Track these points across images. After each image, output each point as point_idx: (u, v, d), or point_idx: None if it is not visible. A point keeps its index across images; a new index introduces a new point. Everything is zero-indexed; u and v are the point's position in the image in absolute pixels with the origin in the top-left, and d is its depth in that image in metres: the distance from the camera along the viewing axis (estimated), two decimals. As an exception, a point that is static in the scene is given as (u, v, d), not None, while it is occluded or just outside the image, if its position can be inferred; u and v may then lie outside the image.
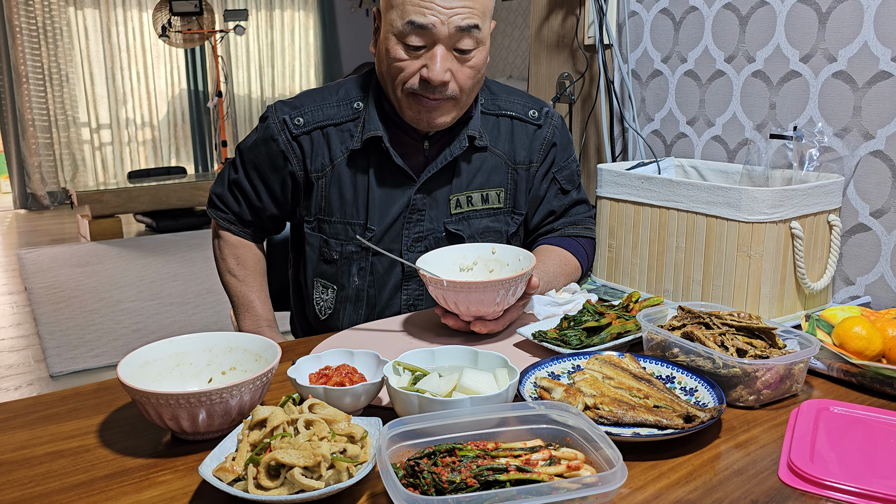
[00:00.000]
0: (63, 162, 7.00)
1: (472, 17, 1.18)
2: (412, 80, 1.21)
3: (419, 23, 1.16)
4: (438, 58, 1.18)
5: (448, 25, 1.16)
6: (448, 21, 1.16)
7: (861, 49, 1.32)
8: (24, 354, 3.36)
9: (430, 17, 1.15)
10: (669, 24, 1.67)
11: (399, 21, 1.18)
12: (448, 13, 1.16)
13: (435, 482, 0.71)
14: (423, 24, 1.16)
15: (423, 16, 1.15)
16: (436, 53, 1.18)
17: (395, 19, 1.18)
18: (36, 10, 6.64)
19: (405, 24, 1.17)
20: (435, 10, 1.15)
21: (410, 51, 1.20)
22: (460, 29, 1.17)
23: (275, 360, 0.90)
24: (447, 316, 1.16)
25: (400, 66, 1.21)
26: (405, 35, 1.18)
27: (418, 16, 1.16)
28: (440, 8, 1.15)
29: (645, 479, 0.80)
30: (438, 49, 1.18)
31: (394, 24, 1.19)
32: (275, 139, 1.33)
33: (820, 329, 1.12)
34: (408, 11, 1.16)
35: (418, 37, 1.18)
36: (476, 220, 1.36)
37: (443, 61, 1.18)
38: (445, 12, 1.16)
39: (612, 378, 0.97)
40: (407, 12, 1.16)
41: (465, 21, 1.17)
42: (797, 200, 1.21)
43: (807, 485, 0.78)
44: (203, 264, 4.81)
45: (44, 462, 0.84)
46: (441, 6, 1.15)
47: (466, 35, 1.18)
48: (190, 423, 0.83)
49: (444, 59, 1.19)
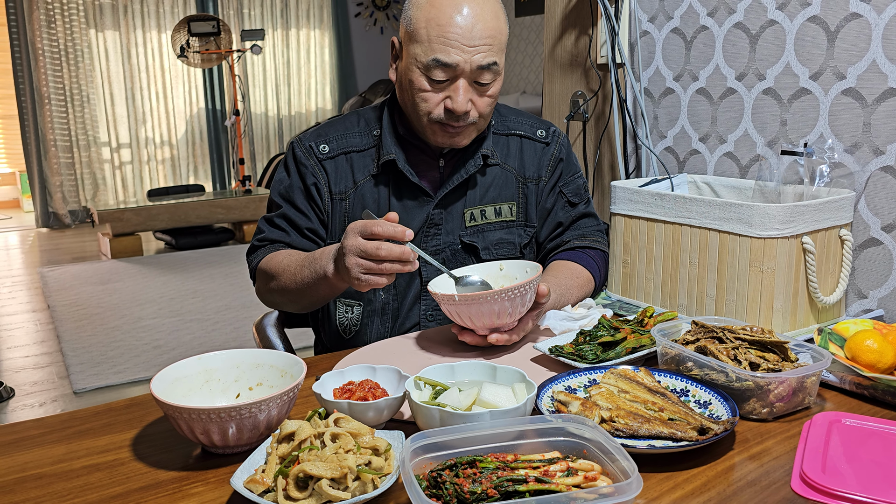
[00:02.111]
0: (84, 181, 7.12)
1: (492, 55, 1.26)
2: (437, 109, 1.29)
3: (444, 61, 1.24)
4: (461, 91, 1.26)
5: (471, 63, 1.25)
6: (471, 60, 1.24)
7: (870, 66, 1.35)
8: (47, 371, 3.43)
9: (455, 56, 1.23)
10: (681, 43, 1.70)
11: (424, 57, 1.25)
12: (471, 52, 1.24)
13: (457, 493, 0.73)
14: (448, 63, 1.24)
15: (449, 55, 1.23)
16: (459, 87, 1.26)
17: (420, 54, 1.25)
18: (58, 33, 6.79)
19: (431, 60, 1.24)
20: (460, 48, 1.23)
21: (434, 83, 1.27)
22: (481, 67, 1.25)
23: (300, 375, 0.93)
24: (464, 333, 1.20)
25: (424, 96, 1.28)
26: (430, 69, 1.25)
27: (444, 55, 1.23)
28: (465, 47, 1.23)
29: (660, 490, 0.82)
30: (461, 83, 1.26)
31: (418, 59, 1.26)
32: (304, 164, 1.39)
33: (832, 342, 1.14)
34: (434, 49, 1.23)
35: (442, 72, 1.25)
36: (490, 232, 1.42)
37: (465, 93, 1.26)
38: (469, 51, 1.24)
39: (627, 392, 0.99)
40: (433, 50, 1.24)
41: (486, 60, 1.25)
42: (808, 216, 1.23)
43: (819, 495, 0.80)
44: (222, 281, 4.88)
45: (81, 475, 0.87)
46: (465, 45, 1.23)
47: (487, 70, 1.27)
48: (220, 436, 0.87)
49: (467, 91, 1.27)
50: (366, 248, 1.09)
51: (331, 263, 1.19)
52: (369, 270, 1.10)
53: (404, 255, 1.09)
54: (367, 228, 1.10)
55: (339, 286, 1.22)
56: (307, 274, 1.25)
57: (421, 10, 1.25)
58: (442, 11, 1.23)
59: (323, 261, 1.21)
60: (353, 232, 1.11)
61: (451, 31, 1.22)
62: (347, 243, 1.12)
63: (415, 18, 1.26)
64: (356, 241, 1.10)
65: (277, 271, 1.32)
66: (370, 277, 1.11)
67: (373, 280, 1.11)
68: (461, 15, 1.23)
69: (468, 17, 1.23)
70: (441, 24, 1.23)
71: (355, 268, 1.11)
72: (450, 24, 1.22)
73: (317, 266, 1.23)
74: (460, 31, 1.23)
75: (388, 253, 1.08)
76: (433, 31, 1.23)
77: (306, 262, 1.26)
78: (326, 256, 1.21)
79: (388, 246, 1.09)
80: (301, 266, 1.27)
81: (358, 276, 1.11)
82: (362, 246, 1.09)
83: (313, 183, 1.38)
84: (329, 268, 1.19)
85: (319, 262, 1.22)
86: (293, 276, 1.29)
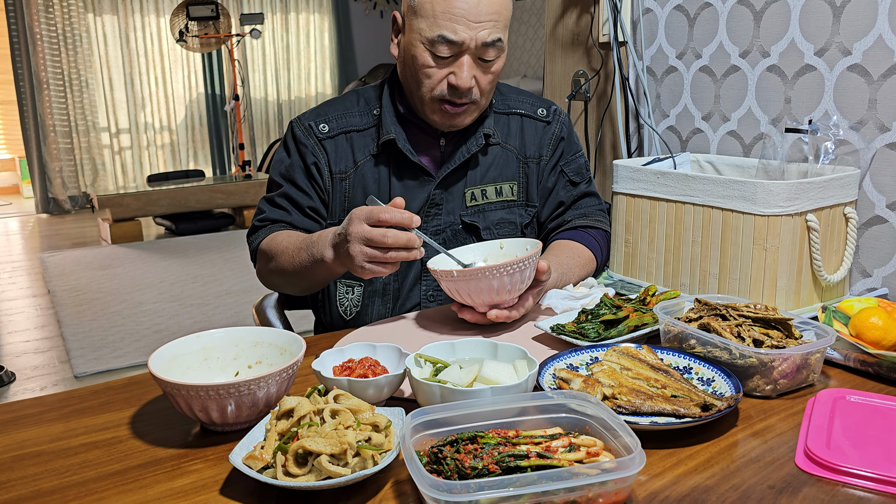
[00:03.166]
0: (83, 166, 7.10)
1: (497, 31, 1.25)
2: (440, 86, 1.27)
3: (450, 38, 1.22)
4: (465, 67, 1.25)
5: (476, 40, 1.23)
6: (476, 36, 1.23)
7: (876, 42, 1.33)
8: (48, 356, 3.42)
9: (462, 33, 1.22)
10: (684, 20, 1.68)
11: (429, 32, 1.23)
12: (477, 28, 1.22)
13: (458, 468, 0.73)
14: (454, 40, 1.22)
15: (455, 32, 1.22)
16: (463, 63, 1.25)
17: (425, 29, 1.24)
18: (56, 18, 6.74)
19: (436, 36, 1.23)
20: (466, 25, 1.22)
21: (438, 59, 1.25)
22: (486, 44, 1.24)
23: (300, 353, 0.92)
24: (463, 310, 1.19)
25: (428, 72, 1.27)
26: (434, 45, 1.24)
27: (450, 31, 1.22)
28: (470, 23, 1.22)
29: (663, 467, 0.81)
30: (465, 59, 1.25)
31: (423, 34, 1.24)
32: (304, 143, 1.38)
33: (836, 320, 1.13)
34: (439, 25, 1.22)
35: (447, 48, 1.24)
36: (491, 212, 1.40)
37: (469, 70, 1.25)
38: (475, 27, 1.22)
39: (629, 369, 0.98)
40: (439, 26, 1.22)
41: (491, 36, 1.24)
42: (813, 193, 1.22)
43: (823, 471, 0.79)
44: (222, 265, 4.87)
45: (79, 452, 0.87)
46: (471, 21, 1.22)
47: (491, 47, 1.25)
48: (219, 414, 0.86)
49: (471, 67, 1.26)
50: (372, 235, 1.07)
51: (329, 249, 1.17)
52: (374, 259, 1.09)
53: (410, 242, 1.07)
54: (374, 215, 1.08)
55: (338, 271, 1.21)
56: (304, 258, 1.24)
57: None
58: None
59: (320, 245, 1.19)
60: (358, 219, 1.09)
61: (457, 7, 1.21)
62: (352, 230, 1.09)
63: None
64: (361, 229, 1.08)
65: (276, 253, 1.31)
66: (374, 266, 1.09)
67: (376, 269, 1.09)
68: None
69: None
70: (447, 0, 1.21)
71: (359, 256, 1.09)
72: (456, 0, 1.21)
73: (314, 250, 1.21)
74: (466, 7, 1.21)
75: (395, 241, 1.07)
76: (439, 7, 1.21)
77: (304, 246, 1.24)
78: (324, 241, 1.19)
79: (394, 233, 1.07)
80: (298, 249, 1.25)
81: (362, 264, 1.09)
82: (368, 234, 1.07)
83: (313, 162, 1.37)
84: (327, 253, 1.18)
85: (317, 247, 1.20)
86: (291, 259, 1.27)
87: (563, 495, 0.70)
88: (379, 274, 1.10)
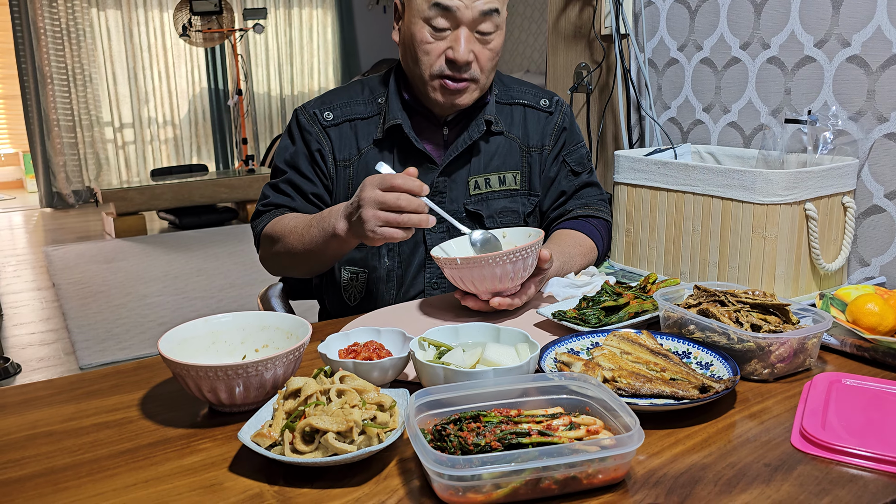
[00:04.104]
0: (87, 161, 7.12)
1: (493, 2, 1.26)
2: (438, 62, 1.28)
3: (445, 4, 1.24)
4: (463, 39, 1.26)
5: (472, 9, 1.24)
6: (472, 5, 1.24)
7: (875, 33, 1.34)
8: (53, 348, 3.45)
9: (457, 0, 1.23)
10: (685, 12, 1.70)
11: (425, 4, 1.25)
12: None
13: (461, 445, 0.75)
14: (448, 5, 1.24)
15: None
16: (459, 35, 1.26)
17: (422, 3, 1.26)
18: (59, 12, 6.76)
19: (431, 6, 1.25)
20: None
21: (436, 33, 1.27)
22: (483, 13, 1.25)
23: (306, 336, 0.94)
24: (466, 298, 1.21)
25: (426, 48, 1.28)
26: (431, 18, 1.26)
27: None
28: None
29: (662, 446, 0.83)
30: (462, 31, 1.26)
31: (419, 9, 1.26)
32: (308, 131, 1.40)
33: (834, 307, 1.14)
34: None
35: (444, 19, 1.25)
36: (494, 200, 1.42)
37: (467, 42, 1.26)
38: None
39: (629, 353, 1.00)
40: None
41: (487, 5, 1.25)
42: (811, 182, 1.23)
43: (818, 449, 0.81)
44: (226, 259, 4.89)
45: (91, 432, 0.89)
46: None
47: (488, 18, 1.26)
48: (227, 395, 0.88)
49: (468, 40, 1.27)
50: (385, 198, 1.08)
51: (341, 220, 1.18)
52: (387, 222, 1.09)
53: (421, 207, 1.09)
54: (387, 181, 1.09)
55: (350, 242, 1.21)
56: (315, 233, 1.24)
57: None
58: None
59: (332, 218, 1.20)
60: (371, 185, 1.10)
61: None
62: (365, 195, 1.10)
63: None
64: (374, 193, 1.09)
65: (283, 233, 1.32)
66: (387, 230, 1.09)
67: (389, 233, 1.09)
68: None
69: None
70: None
71: (372, 220, 1.09)
72: None
73: (325, 224, 1.22)
74: None
75: (409, 204, 1.08)
76: None
77: (314, 222, 1.25)
78: (336, 213, 1.20)
79: (407, 197, 1.08)
80: (308, 226, 1.27)
81: (374, 228, 1.09)
82: (380, 197, 1.09)
83: (317, 149, 1.39)
84: (340, 224, 1.18)
85: (328, 220, 1.21)
86: (300, 237, 1.28)
87: (564, 471, 0.72)
88: (392, 238, 1.10)
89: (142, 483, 0.77)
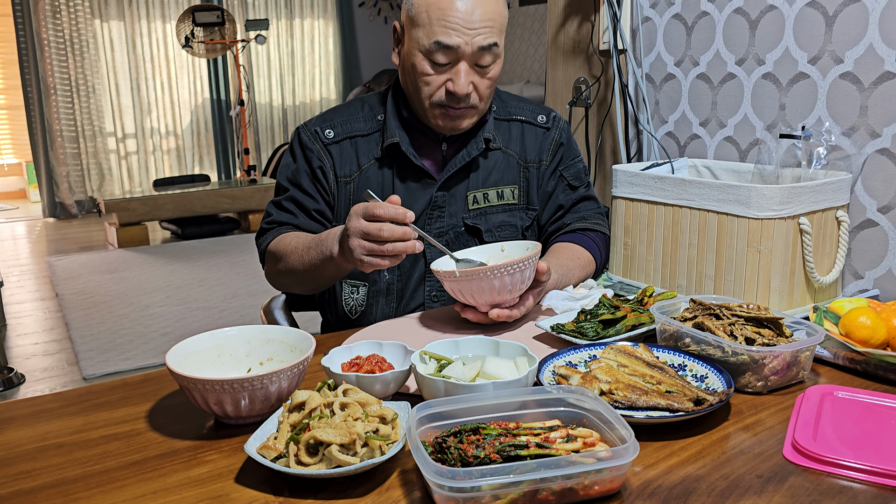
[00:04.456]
0: (90, 171, 7.16)
1: (492, 36, 1.28)
2: (438, 92, 1.31)
3: (446, 44, 1.26)
4: (462, 73, 1.28)
5: (471, 45, 1.27)
6: (471, 42, 1.26)
7: (867, 51, 1.37)
8: (57, 358, 3.47)
9: (456, 38, 1.26)
10: (682, 28, 1.73)
11: (426, 40, 1.27)
12: (472, 34, 1.26)
13: (461, 457, 0.77)
14: (449, 45, 1.26)
15: (450, 38, 1.26)
16: (460, 69, 1.29)
17: (422, 37, 1.28)
18: (63, 24, 6.81)
19: (432, 43, 1.27)
20: (460, 31, 1.25)
21: (436, 66, 1.29)
22: (482, 48, 1.28)
23: (310, 349, 0.96)
24: (466, 310, 1.23)
25: (427, 80, 1.31)
26: (431, 53, 1.28)
27: (445, 37, 1.26)
28: (465, 29, 1.25)
29: (657, 458, 0.85)
30: (462, 65, 1.28)
31: (420, 42, 1.28)
32: (310, 148, 1.43)
33: (827, 320, 1.16)
34: (435, 32, 1.26)
35: (444, 55, 1.28)
36: (492, 215, 1.45)
37: (466, 76, 1.29)
38: (469, 33, 1.26)
39: (626, 366, 1.02)
40: (434, 33, 1.26)
41: (486, 41, 1.28)
42: (805, 197, 1.26)
43: (809, 461, 0.83)
44: (228, 269, 4.91)
45: (100, 444, 0.91)
46: (465, 28, 1.25)
47: (487, 52, 1.29)
48: (233, 407, 0.90)
49: (468, 73, 1.29)
50: (368, 229, 1.11)
51: (336, 244, 1.22)
52: (372, 252, 1.12)
53: (406, 234, 1.12)
54: (370, 211, 1.12)
55: (345, 266, 1.25)
56: (314, 255, 1.28)
57: None
58: None
59: (329, 242, 1.24)
60: (356, 214, 1.14)
61: (452, 15, 1.25)
62: (350, 225, 1.14)
63: (416, 3, 1.28)
64: (358, 223, 1.13)
65: (286, 253, 1.35)
66: (373, 259, 1.13)
67: (375, 262, 1.13)
68: None
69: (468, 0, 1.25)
70: (442, 8, 1.25)
71: (358, 249, 1.13)
72: (451, 8, 1.25)
73: (323, 247, 1.25)
74: (461, 15, 1.25)
75: (391, 234, 1.10)
76: (434, 15, 1.26)
77: (313, 244, 1.29)
78: (332, 238, 1.23)
79: (389, 227, 1.11)
80: (308, 248, 1.30)
81: (360, 257, 1.13)
82: (364, 227, 1.12)
83: (319, 166, 1.41)
84: (335, 248, 1.22)
85: (325, 244, 1.25)
86: (300, 258, 1.32)
87: (561, 482, 0.74)
88: (379, 266, 1.14)
89: (150, 494, 0.80)
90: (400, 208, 1.11)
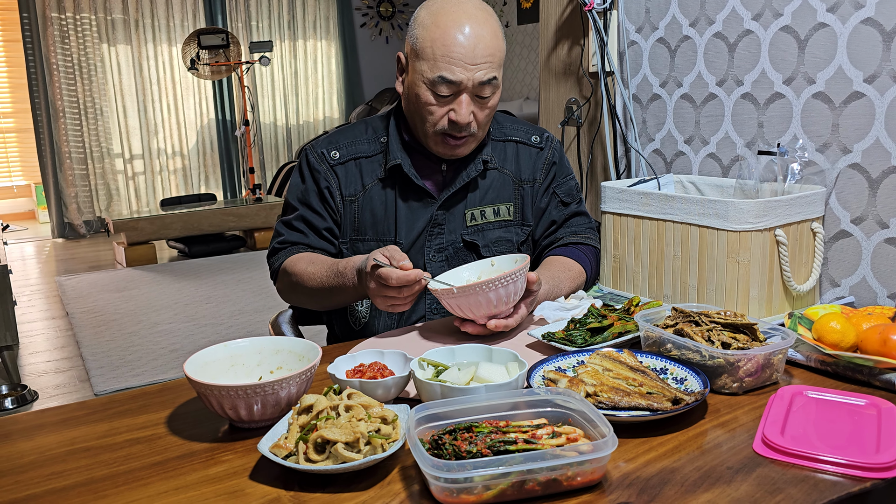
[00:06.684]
0: (98, 192, 7.27)
1: (492, 71, 1.38)
2: (441, 122, 1.41)
3: (450, 79, 1.36)
4: (464, 104, 1.38)
5: (473, 80, 1.36)
6: (473, 77, 1.36)
7: (836, 72, 1.45)
8: (68, 375, 3.55)
9: (459, 74, 1.35)
10: (666, 51, 1.81)
11: (430, 73, 1.36)
12: (473, 69, 1.35)
13: (455, 452, 0.84)
14: (453, 80, 1.36)
15: (453, 73, 1.35)
16: (462, 101, 1.38)
17: (426, 70, 1.37)
18: (72, 48, 6.95)
19: (437, 77, 1.36)
20: (463, 67, 1.35)
21: (439, 98, 1.39)
22: (482, 82, 1.37)
23: (317, 358, 1.04)
24: (465, 324, 1.31)
25: (431, 109, 1.40)
26: (435, 85, 1.37)
27: (449, 73, 1.35)
28: (467, 65, 1.35)
29: (637, 452, 0.93)
30: (464, 97, 1.38)
31: (424, 75, 1.37)
32: (317, 169, 1.52)
33: (801, 325, 1.24)
34: (439, 67, 1.35)
35: (447, 88, 1.37)
36: (489, 231, 1.53)
37: (467, 107, 1.38)
38: (472, 68, 1.35)
39: (611, 370, 1.10)
40: (438, 68, 1.35)
41: (487, 76, 1.37)
42: (780, 210, 1.34)
43: (777, 454, 0.90)
44: (235, 286, 5.00)
45: (124, 447, 0.99)
46: (468, 63, 1.35)
47: (487, 85, 1.38)
48: (247, 412, 0.98)
49: (469, 104, 1.38)
50: (388, 293, 1.28)
51: (355, 278, 1.36)
52: (394, 304, 1.30)
53: (417, 286, 1.27)
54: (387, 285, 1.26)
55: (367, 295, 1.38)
56: (335, 283, 1.40)
57: (427, 31, 1.36)
58: (446, 32, 1.34)
59: (348, 275, 1.37)
60: (376, 282, 1.28)
61: (454, 51, 1.34)
62: (371, 287, 1.29)
63: (421, 38, 1.37)
64: (378, 290, 1.28)
65: (303, 277, 1.45)
66: (395, 307, 1.31)
67: (397, 310, 1.32)
68: (464, 35, 1.34)
69: (470, 37, 1.34)
70: (446, 45, 1.34)
71: (381, 303, 1.30)
72: (454, 45, 1.34)
73: (344, 280, 1.38)
74: (463, 51, 1.34)
75: (410, 291, 1.27)
76: (438, 51, 1.35)
77: (332, 274, 1.40)
78: (351, 271, 1.36)
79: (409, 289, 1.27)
80: (328, 276, 1.41)
81: (384, 308, 1.31)
82: (384, 293, 1.28)
83: (326, 186, 1.50)
84: (355, 280, 1.36)
85: (347, 277, 1.37)
86: (320, 283, 1.43)
87: (546, 473, 0.82)
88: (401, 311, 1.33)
89: (172, 490, 0.87)
90: (411, 276, 1.25)
